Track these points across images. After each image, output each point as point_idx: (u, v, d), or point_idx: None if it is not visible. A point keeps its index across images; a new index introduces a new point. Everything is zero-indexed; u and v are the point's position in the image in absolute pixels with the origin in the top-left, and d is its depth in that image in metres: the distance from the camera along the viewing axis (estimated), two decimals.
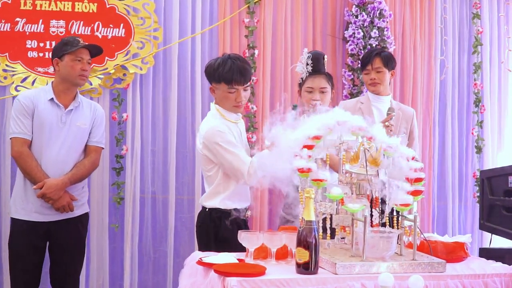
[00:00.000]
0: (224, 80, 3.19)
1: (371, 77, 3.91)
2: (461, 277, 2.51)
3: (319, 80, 3.61)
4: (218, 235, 3.20)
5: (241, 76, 3.20)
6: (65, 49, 3.57)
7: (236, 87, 3.21)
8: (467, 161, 5.14)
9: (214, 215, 3.23)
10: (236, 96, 3.23)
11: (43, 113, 3.55)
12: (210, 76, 3.28)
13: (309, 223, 2.40)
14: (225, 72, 3.18)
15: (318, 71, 3.63)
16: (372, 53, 3.95)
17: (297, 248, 2.40)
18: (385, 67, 3.90)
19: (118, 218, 4.43)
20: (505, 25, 5.21)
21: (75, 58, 3.57)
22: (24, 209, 3.56)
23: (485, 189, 4.08)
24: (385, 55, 3.92)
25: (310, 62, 3.62)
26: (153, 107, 4.51)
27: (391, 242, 2.53)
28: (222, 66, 3.20)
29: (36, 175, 3.50)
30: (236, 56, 3.28)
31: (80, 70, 3.59)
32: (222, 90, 3.23)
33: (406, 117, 3.94)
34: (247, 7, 4.63)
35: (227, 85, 3.20)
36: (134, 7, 4.44)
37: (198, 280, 2.59)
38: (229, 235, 3.13)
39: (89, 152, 3.68)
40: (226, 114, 3.26)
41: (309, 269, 2.39)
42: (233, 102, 3.24)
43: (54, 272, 3.70)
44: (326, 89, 3.61)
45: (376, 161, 2.63)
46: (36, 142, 3.54)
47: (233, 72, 3.18)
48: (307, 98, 3.61)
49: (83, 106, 3.68)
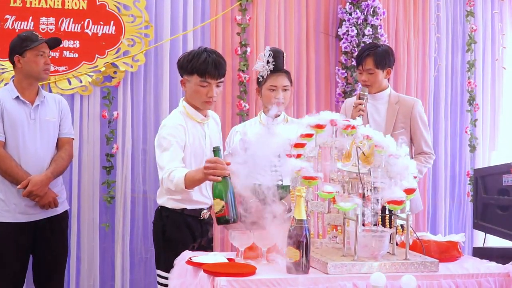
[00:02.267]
0: (198, 71, 3.05)
1: (362, 78, 3.84)
2: (454, 277, 2.49)
3: (281, 78, 3.53)
4: (165, 235, 3.16)
5: (215, 69, 3.06)
6: (25, 45, 3.53)
7: (209, 80, 3.07)
8: (460, 160, 5.13)
9: (164, 214, 3.19)
10: (208, 90, 3.08)
11: (12, 112, 3.52)
12: (182, 68, 3.13)
13: (300, 222, 2.36)
14: (199, 64, 3.05)
15: (279, 69, 3.56)
16: (364, 52, 3.82)
17: (288, 247, 2.37)
18: (377, 68, 3.78)
19: (109, 217, 4.39)
20: (499, 22, 5.19)
21: (38, 53, 3.53)
22: (8, 211, 3.51)
23: (479, 188, 4.06)
24: (378, 54, 3.77)
25: (271, 60, 3.52)
26: (144, 105, 4.47)
27: (383, 241, 2.50)
28: (196, 58, 3.07)
29: (18, 175, 3.47)
30: (211, 50, 3.17)
31: (44, 65, 3.55)
32: (194, 83, 3.09)
33: (403, 110, 3.82)
34: (239, 4, 4.60)
35: (200, 78, 3.06)
36: (124, 4, 4.40)
37: (187, 280, 2.57)
38: (177, 235, 3.12)
39: (63, 144, 3.67)
40: (191, 112, 3.15)
41: (300, 269, 2.35)
42: (203, 97, 3.10)
43: (39, 271, 3.67)
44: (288, 87, 3.56)
45: (369, 159, 2.61)
46: (11, 142, 3.51)
47: (208, 64, 3.05)
48: (269, 97, 3.53)
49: (48, 100, 3.66)
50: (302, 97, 4.69)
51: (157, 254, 3.25)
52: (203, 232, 3.21)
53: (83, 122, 4.34)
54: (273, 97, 3.52)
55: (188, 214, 3.16)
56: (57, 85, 4.29)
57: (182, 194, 3.06)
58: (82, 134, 4.34)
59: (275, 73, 3.53)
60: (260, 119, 3.64)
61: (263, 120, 3.61)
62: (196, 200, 3.16)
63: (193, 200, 3.16)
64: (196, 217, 3.19)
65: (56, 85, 4.28)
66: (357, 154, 2.60)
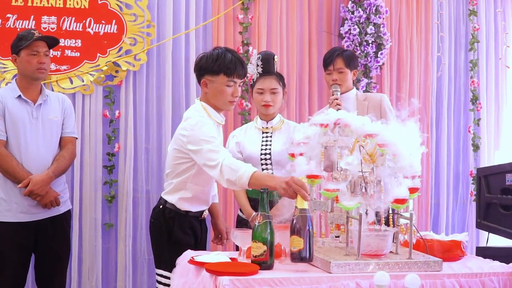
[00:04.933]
0: (225, 71, 3.01)
1: (333, 77, 3.86)
2: (457, 276, 2.47)
3: (269, 81, 3.59)
4: (171, 236, 3.11)
5: (242, 68, 3.06)
6: (20, 44, 3.53)
7: (236, 80, 3.05)
8: (463, 159, 5.11)
9: (167, 215, 3.12)
10: (234, 90, 3.06)
11: (14, 111, 3.51)
12: (206, 68, 3.06)
13: (302, 211, 2.37)
14: (227, 63, 3.01)
15: (268, 72, 3.61)
16: (334, 53, 3.90)
17: (292, 236, 2.36)
18: (347, 68, 3.85)
19: (111, 217, 4.38)
20: (503, 21, 5.17)
21: (31, 52, 3.52)
22: (10, 211, 3.50)
23: (482, 187, 4.05)
24: (347, 55, 3.88)
25: (260, 63, 3.60)
26: (146, 104, 4.46)
27: (387, 240, 2.49)
28: (222, 57, 3.03)
29: (19, 174, 3.46)
30: (233, 50, 3.15)
31: (37, 64, 3.53)
32: (220, 83, 3.04)
33: (373, 105, 3.86)
34: (241, 3, 4.59)
35: (227, 77, 3.02)
36: (126, 3, 4.39)
37: (190, 279, 2.56)
38: (184, 238, 3.10)
39: (65, 144, 3.65)
40: (212, 113, 3.09)
41: (304, 257, 2.34)
42: (229, 97, 3.06)
43: (40, 270, 3.66)
44: (277, 90, 3.60)
45: (372, 158, 2.59)
46: (12, 141, 3.50)
47: (236, 64, 3.03)
48: (258, 100, 3.61)
49: (51, 99, 3.65)
50: (304, 96, 4.68)
51: (158, 254, 3.18)
52: (202, 230, 3.26)
53: (85, 121, 4.33)
54: (261, 100, 3.58)
55: (192, 216, 3.15)
56: (58, 84, 4.28)
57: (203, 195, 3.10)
58: (84, 133, 4.33)
59: (263, 76, 3.61)
60: (256, 123, 3.70)
61: (259, 124, 3.67)
62: (204, 200, 3.18)
63: (204, 201, 3.18)
64: (197, 218, 3.19)
65: (57, 84, 4.27)
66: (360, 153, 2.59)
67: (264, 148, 3.59)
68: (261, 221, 2.43)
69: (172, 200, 3.12)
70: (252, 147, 3.61)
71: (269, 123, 3.65)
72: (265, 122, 3.66)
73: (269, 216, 2.45)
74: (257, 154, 3.58)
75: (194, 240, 3.17)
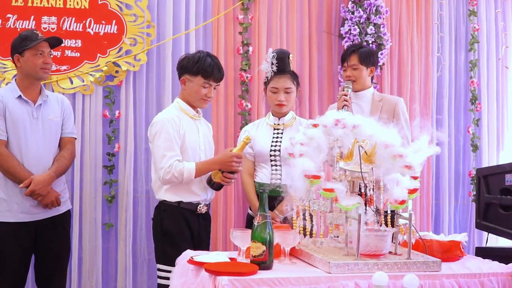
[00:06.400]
0: (203, 73, 3.36)
1: (347, 74, 3.85)
2: (456, 277, 2.48)
3: (284, 80, 3.63)
4: (162, 227, 3.32)
5: (218, 73, 3.40)
6: (24, 44, 3.53)
7: (212, 82, 3.39)
8: (463, 160, 5.10)
9: (162, 208, 3.37)
10: (208, 91, 3.40)
11: (14, 111, 3.51)
12: (186, 68, 3.40)
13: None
14: (206, 66, 3.36)
15: (283, 70, 3.64)
16: (349, 49, 3.89)
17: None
18: (362, 64, 3.81)
19: (111, 217, 4.38)
20: (502, 21, 5.17)
21: (36, 52, 3.53)
22: (10, 211, 3.50)
23: (482, 188, 4.05)
24: (362, 52, 3.83)
25: (275, 62, 3.64)
26: (146, 105, 4.46)
27: (386, 240, 2.49)
28: (202, 61, 3.37)
29: (20, 174, 3.46)
30: (213, 55, 3.50)
31: (42, 64, 3.55)
32: (197, 83, 3.38)
33: (387, 107, 3.82)
34: (241, 4, 4.59)
35: (204, 79, 3.37)
36: (126, 4, 4.39)
37: (189, 279, 2.56)
38: (175, 228, 3.28)
39: (65, 144, 3.67)
40: (185, 107, 3.42)
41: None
42: (203, 96, 3.39)
43: (41, 270, 3.67)
44: (291, 89, 3.64)
45: (371, 159, 2.59)
46: (13, 141, 3.50)
47: (213, 68, 3.37)
48: (272, 99, 3.66)
49: (50, 99, 3.66)
50: (305, 96, 4.67)
51: (155, 248, 3.40)
52: (200, 225, 3.38)
53: (85, 122, 4.33)
54: (275, 99, 3.62)
55: (184, 208, 3.32)
56: (58, 84, 4.28)
57: (182, 186, 3.29)
58: (84, 134, 4.33)
59: (278, 75, 3.64)
60: (268, 119, 3.75)
61: (271, 120, 3.72)
62: (194, 192, 3.33)
63: (192, 192, 3.33)
64: (193, 211, 3.34)
65: (58, 84, 4.28)
66: (359, 153, 2.59)
67: (274, 144, 3.65)
68: (260, 221, 2.45)
69: (162, 194, 3.36)
70: (263, 143, 3.67)
71: (281, 119, 3.71)
72: (277, 118, 3.73)
73: (268, 216, 2.47)
74: (267, 150, 3.64)
75: (190, 234, 3.32)
